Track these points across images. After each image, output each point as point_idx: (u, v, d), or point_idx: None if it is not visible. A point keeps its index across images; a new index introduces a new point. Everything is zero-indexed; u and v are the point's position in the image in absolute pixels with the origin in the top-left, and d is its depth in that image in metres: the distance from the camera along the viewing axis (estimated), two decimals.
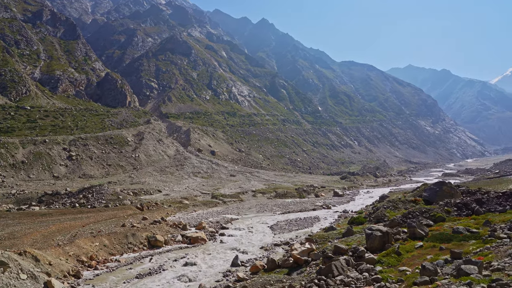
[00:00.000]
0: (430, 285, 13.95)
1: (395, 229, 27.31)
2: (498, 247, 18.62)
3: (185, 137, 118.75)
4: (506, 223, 24.35)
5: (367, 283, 16.48)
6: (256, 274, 23.53)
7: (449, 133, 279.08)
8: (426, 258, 19.33)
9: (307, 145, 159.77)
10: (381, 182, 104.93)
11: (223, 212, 52.48)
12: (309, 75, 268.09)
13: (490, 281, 12.03)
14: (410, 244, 23.47)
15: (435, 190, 39.68)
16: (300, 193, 74.36)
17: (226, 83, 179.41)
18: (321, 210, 55.08)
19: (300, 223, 43.38)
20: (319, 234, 33.31)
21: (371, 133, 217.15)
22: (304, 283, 18.69)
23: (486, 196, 35.92)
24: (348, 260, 20.29)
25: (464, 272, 13.95)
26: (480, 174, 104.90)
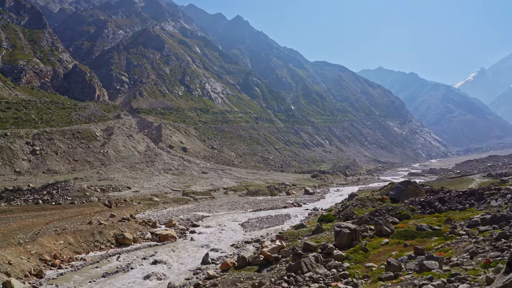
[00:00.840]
0: (394, 280, 14.44)
1: (362, 226, 28.08)
2: (458, 243, 19.57)
3: (156, 133, 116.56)
4: (465, 220, 25.63)
5: (335, 279, 16.85)
6: (226, 271, 23.52)
7: (415, 134, 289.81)
8: (391, 255, 20.01)
9: (280, 144, 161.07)
10: (351, 180, 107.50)
11: (194, 210, 52.02)
12: (283, 74, 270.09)
13: (449, 275, 12.61)
14: (376, 241, 24.21)
15: (401, 189, 41.15)
16: (272, 191, 74.90)
17: (199, 79, 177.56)
18: (292, 207, 55.67)
19: (271, 220, 43.69)
20: (289, 232, 33.70)
21: (342, 133, 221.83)
22: (274, 280, 18.86)
23: (448, 195, 37.65)
24: (317, 257, 20.67)
25: (426, 267, 14.56)
26: (443, 174, 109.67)
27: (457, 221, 26.07)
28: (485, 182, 55.56)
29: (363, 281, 16.31)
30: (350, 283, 15.70)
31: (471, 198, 35.50)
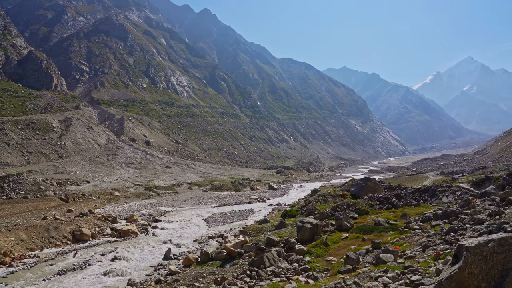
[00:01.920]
0: (352, 273, 14.97)
1: (324, 221, 28.84)
2: (412, 237, 20.61)
3: (118, 125, 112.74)
4: (419, 215, 27.03)
5: (296, 272, 17.20)
6: (189, 267, 23.32)
7: (376, 132, 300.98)
8: (350, 248, 20.72)
9: (245, 139, 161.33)
10: (314, 177, 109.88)
11: (157, 205, 51.02)
12: (250, 69, 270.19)
13: (403, 268, 13.26)
14: (337, 235, 24.97)
15: (361, 185, 42.63)
16: (236, 186, 74.99)
17: (164, 72, 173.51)
18: (256, 203, 56.08)
19: (235, 216, 43.79)
20: (253, 227, 33.94)
21: (306, 130, 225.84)
22: (237, 274, 18.95)
23: (404, 192, 39.50)
24: (280, 252, 21.00)
25: (382, 260, 15.23)
26: (400, 171, 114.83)
27: (412, 216, 27.43)
28: (438, 179, 58.84)
29: (323, 274, 16.78)
30: (311, 276, 16.09)
31: (425, 195, 37.46)
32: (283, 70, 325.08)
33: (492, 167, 64.35)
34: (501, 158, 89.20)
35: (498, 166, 64.45)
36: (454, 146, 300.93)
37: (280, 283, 15.96)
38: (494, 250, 5.74)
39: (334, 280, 14.04)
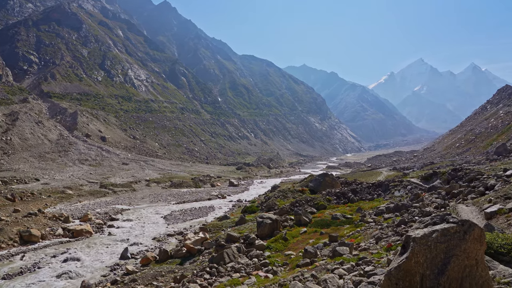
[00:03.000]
0: (310, 266, 15.39)
1: (283, 216, 29.34)
2: (366, 230, 21.55)
3: (71, 120, 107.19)
4: (373, 209, 28.31)
5: (256, 267, 17.39)
6: (147, 266, 22.79)
7: (334, 130, 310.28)
8: (308, 242, 21.28)
9: (205, 135, 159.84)
10: (274, 173, 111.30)
11: (113, 203, 49.25)
12: (211, 65, 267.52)
13: (357, 259, 13.85)
14: (296, 230, 25.53)
15: (319, 181, 43.83)
16: (196, 182, 74.20)
17: (121, 65, 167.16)
18: (216, 199, 55.85)
19: (195, 212, 43.35)
20: (213, 223, 33.81)
21: (267, 126, 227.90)
22: (196, 271, 18.81)
23: (359, 187, 41.13)
24: (240, 247, 21.10)
25: (338, 253, 15.79)
26: (356, 167, 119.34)
27: (367, 210, 28.68)
28: (391, 174, 61.86)
29: (282, 269, 17.11)
30: (270, 271, 16.34)
31: (379, 189, 39.27)
32: (244, 66, 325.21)
33: (439, 163, 68.67)
34: (447, 154, 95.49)
35: (444, 162, 68.89)
36: (406, 143, 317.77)
37: (240, 278, 16.05)
38: (438, 240, 6.16)
39: (292, 274, 14.35)
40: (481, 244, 6.36)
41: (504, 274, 8.01)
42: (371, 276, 10.26)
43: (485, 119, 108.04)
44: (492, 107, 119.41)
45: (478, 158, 61.46)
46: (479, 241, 6.32)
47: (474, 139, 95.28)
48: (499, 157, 49.92)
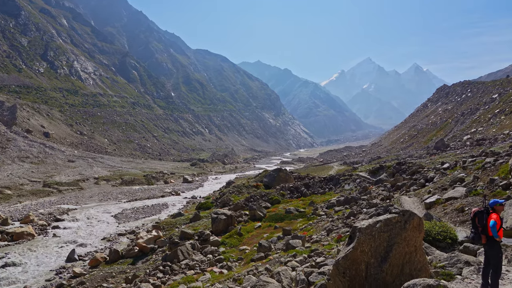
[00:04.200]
0: (264, 260, 15.66)
1: (238, 212, 29.50)
2: (318, 223, 22.32)
3: (9, 114, 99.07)
4: (325, 202, 29.36)
5: (211, 264, 17.36)
6: (96, 267, 21.86)
7: (287, 125, 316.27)
8: (263, 237, 21.61)
9: (158, 131, 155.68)
10: (229, 168, 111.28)
11: (58, 202, 46.51)
12: (163, 59, 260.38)
13: (310, 251, 14.33)
14: (250, 225, 25.80)
15: (273, 176, 44.53)
16: (149, 180, 72.19)
17: (66, 56, 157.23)
18: (170, 196, 54.86)
19: (148, 210, 42.25)
20: (167, 221, 33.18)
21: (221, 122, 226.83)
22: (149, 271, 18.39)
23: (312, 181, 42.41)
24: (194, 244, 20.94)
25: (291, 246, 16.21)
26: (309, 162, 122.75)
27: (319, 204, 29.67)
28: (341, 169, 64.45)
29: (237, 264, 17.24)
30: (225, 266, 16.40)
31: (330, 183, 40.74)
32: (198, 61, 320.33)
33: (385, 157, 72.67)
34: (393, 149, 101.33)
35: (390, 156, 73.04)
36: (355, 138, 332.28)
37: (194, 275, 15.94)
38: (381, 230, 6.58)
39: (247, 268, 14.51)
40: (419, 232, 6.88)
41: (440, 258, 8.73)
42: (322, 266, 10.67)
43: (426, 116, 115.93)
44: (432, 105, 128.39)
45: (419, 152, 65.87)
46: (418, 229, 6.83)
47: (416, 135, 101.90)
48: (438, 151, 53.87)
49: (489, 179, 16.79)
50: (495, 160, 19.74)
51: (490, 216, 6.55)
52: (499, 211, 6.68)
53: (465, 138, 61.87)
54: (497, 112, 66.49)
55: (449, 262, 8.23)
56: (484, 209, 6.71)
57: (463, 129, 73.63)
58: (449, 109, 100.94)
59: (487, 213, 6.64)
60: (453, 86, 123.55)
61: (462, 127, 75.85)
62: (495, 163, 19.20)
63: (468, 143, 53.23)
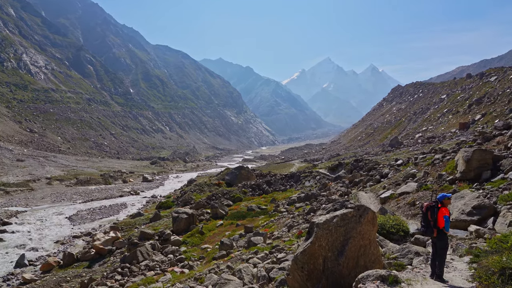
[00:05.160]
0: (226, 258, 15.68)
1: (200, 210, 29.26)
2: (279, 219, 22.66)
3: None
4: (286, 199, 29.85)
5: (172, 264, 17.10)
6: (49, 272, 20.77)
7: (249, 123, 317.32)
8: (225, 235, 21.60)
9: (116, 128, 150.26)
10: (190, 167, 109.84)
11: (5, 205, 43.56)
12: (121, 54, 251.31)
13: (271, 248, 14.53)
14: (212, 223, 25.68)
15: (235, 174, 44.57)
16: (106, 179, 69.57)
17: (14, 48, 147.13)
18: (129, 196, 53.27)
19: (105, 211, 40.74)
20: (125, 221, 32.22)
21: (182, 120, 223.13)
22: (107, 273, 17.78)
23: (274, 178, 42.93)
24: (154, 245, 20.50)
25: (253, 243, 16.35)
26: (271, 159, 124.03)
27: (280, 200, 30.11)
28: (302, 166, 65.76)
29: (199, 262, 17.11)
30: (186, 266, 16.23)
31: (291, 180, 41.47)
32: (158, 57, 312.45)
33: (344, 154, 75.09)
34: (351, 146, 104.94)
35: (348, 153, 75.57)
36: (316, 136, 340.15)
37: (154, 276, 15.63)
38: (338, 224, 6.83)
39: (209, 267, 14.46)
40: (373, 225, 7.21)
41: (392, 250, 9.19)
42: (283, 262, 10.87)
43: (381, 115, 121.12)
44: (387, 104, 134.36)
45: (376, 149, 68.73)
46: (372, 223, 7.16)
47: (373, 133, 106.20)
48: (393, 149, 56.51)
49: (437, 174, 17.88)
50: (443, 157, 21.03)
51: (442, 211, 6.97)
52: (447, 204, 7.14)
53: (417, 136, 65.39)
54: (446, 111, 70.86)
55: (401, 253, 8.69)
56: (435, 203, 7.13)
57: (415, 127, 77.71)
58: (403, 109, 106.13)
59: (437, 207, 7.07)
60: (406, 87, 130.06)
61: (415, 125, 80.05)
62: (443, 160, 20.46)
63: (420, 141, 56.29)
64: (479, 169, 14.89)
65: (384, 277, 6.04)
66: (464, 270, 7.14)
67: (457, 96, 74.13)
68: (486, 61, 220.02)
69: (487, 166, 14.86)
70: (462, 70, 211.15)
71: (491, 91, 58.42)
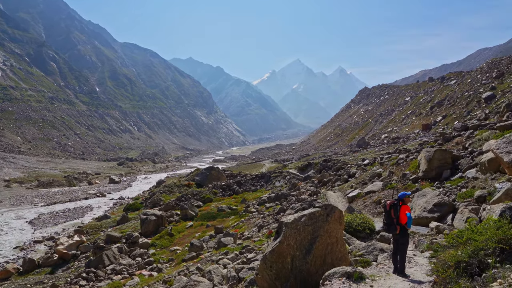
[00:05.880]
0: (196, 259, 15.54)
1: (169, 212, 28.79)
2: (250, 219, 22.72)
3: None
4: (257, 199, 29.97)
5: (140, 267, 16.72)
6: (7, 280, 19.71)
7: (220, 124, 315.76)
8: (195, 236, 21.40)
9: (81, 128, 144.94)
10: (159, 167, 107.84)
11: None
12: (87, 51, 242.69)
13: (241, 248, 14.56)
14: (182, 224, 25.36)
15: (205, 175, 44.21)
16: (70, 181, 66.96)
17: None
18: (95, 198, 51.58)
19: (69, 214, 39.19)
20: (91, 224, 31.19)
21: (151, 120, 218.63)
22: (71, 279, 17.13)
23: (244, 179, 42.96)
24: (122, 248, 19.98)
25: (223, 244, 16.30)
26: (241, 160, 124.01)
27: (251, 201, 30.18)
28: (273, 166, 66.22)
29: (168, 265, 16.85)
30: (155, 269, 15.94)
31: (261, 180, 41.66)
32: (125, 55, 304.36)
33: (313, 154, 76.36)
34: (320, 146, 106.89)
35: (317, 154, 76.93)
36: (286, 136, 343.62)
37: (121, 280, 15.24)
38: (306, 223, 6.96)
39: (178, 269, 14.27)
40: (340, 224, 7.40)
41: (359, 247, 9.47)
42: (252, 262, 10.92)
43: (349, 116, 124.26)
44: (354, 105, 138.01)
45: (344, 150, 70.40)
46: (339, 222, 7.34)
47: (341, 133, 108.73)
48: (360, 149, 58.12)
49: (402, 173, 18.59)
50: (407, 157, 21.89)
51: (403, 208, 7.27)
52: (407, 202, 7.46)
53: (383, 136, 67.67)
54: (409, 113, 73.79)
55: (366, 250, 8.97)
56: (397, 201, 7.43)
57: (381, 128, 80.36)
58: (370, 110, 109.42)
59: (399, 205, 7.36)
60: (373, 89, 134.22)
61: (381, 126, 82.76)
62: (407, 159, 21.30)
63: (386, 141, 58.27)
64: (440, 168, 15.63)
65: (349, 273, 6.22)
66: (424, 264, 7.48)
67: (420, 99, 77.36)
68: (446, 65, 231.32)
69: (447, 166, 15.62)
70: (425, 73, 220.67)
71: (451, 94, 61.44)
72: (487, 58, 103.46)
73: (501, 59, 58.21)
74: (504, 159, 11.02)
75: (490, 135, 17.18)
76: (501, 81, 48.18)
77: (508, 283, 4.59)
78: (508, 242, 5.44)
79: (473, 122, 25.84)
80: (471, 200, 11.11)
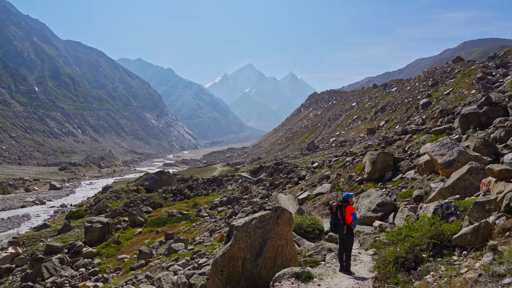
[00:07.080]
0: (145, 267, 15.03)
1: (116, 219, 27.60)
2: (201, 224, 22.47)
3: None
4: (208, 203, 29.71)
5: (83, 278, 15.82)
6: None
7: (170, 127, 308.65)
8: (144, 243, 20.69)
9: (17, 131, 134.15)
10: (106, 172, 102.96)
11: None
12: (24, 47, 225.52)
13: (192, 253, 14.33)
14: (130, 231, 24.42)
15: (155, 179, 43.00)
16: (4, 188, 61.60)
17: None
18: (33, 206, 47.97)
19: (3, 224, 36.07)
20: (28, 235, 28.95)
21: (97, 122, 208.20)
22: None
23: (196, 183, 42.42)
24: (63, 259, 18.79)
25: (173, 249, 15.95)
26: (193, 163, 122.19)
27: (202, 205, 29.87)
28: (225, 170, 66.03)
29: (115, 274, 16.13)
30: (100, 279, 15.18)
31: (213, 184, 41.40)
32: (69, 53, 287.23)
33: (265, 158, 77.34)
34: (272, 150, 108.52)
35: (269, 157, 78.03)
36: (238, 140, 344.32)
37: None
38: (256, 226, 7.04)
39: (126, 278, 13.71)
40: (290, 225, 7.58)
41: (308, 248, 9.75)
42: (203, 267, 10.80)
43: (300, 120, 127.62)
44: (304, 110, 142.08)
45: (294, 153, 72.14)
46: (288, 224, 7.51)
47: (292, 137, 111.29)
48: (310, 152, 59.90)
49: (348, 175, 19.46)
50: (353, 159, 22.97)
51: (348, 208, 7.61)
52: (351, 202, 7.84)
53: (331, 140, 70.35)
54: (356, 118, 77.50)
55: (315, 250, 9.26)
56: (341, 202, 7.76)
57: (329, 132, 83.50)
58: (319, 114, 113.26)
59: (344, 206, 7.70)
60: (322, 94, 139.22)
61: (329, 130, 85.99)
62: (353, 162, 22.34)
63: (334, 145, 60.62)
64: (383, 170, 16.60)
65: (298, 274, 6.39)
66: (368, 262, 7.89)
67: (365, 104, 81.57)
68: (388, 73, 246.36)
69: (389, 167, 16.63)
70: (369, 80, 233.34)
71: (392, 100, 65.54)
72: (424, 68, 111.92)
73: (435, 69, 63.33)
74: (438, 161, 11.97)
75: (426, 139, 18.60)
76: (435, 89, 52.34)
77: (439, 275, 5.00)
78: (439, 237, 5.93)
79: (412, 126, 27.77)
80: (410, 200, 11.92)
